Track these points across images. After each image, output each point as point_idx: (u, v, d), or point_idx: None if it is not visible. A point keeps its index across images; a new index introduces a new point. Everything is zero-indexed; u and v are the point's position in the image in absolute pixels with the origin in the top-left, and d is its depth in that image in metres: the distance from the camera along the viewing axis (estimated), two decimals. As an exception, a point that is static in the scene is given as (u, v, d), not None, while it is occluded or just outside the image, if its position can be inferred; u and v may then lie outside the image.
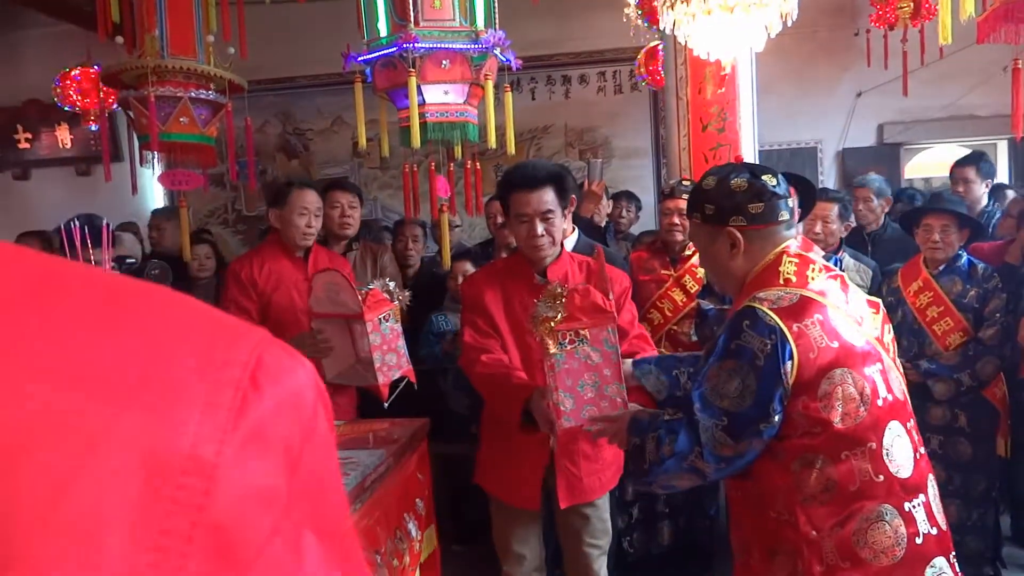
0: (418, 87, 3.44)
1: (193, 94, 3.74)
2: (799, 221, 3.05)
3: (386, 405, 2.57)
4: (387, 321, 2.57)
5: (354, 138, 6.04)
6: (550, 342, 1.95)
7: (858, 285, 3.57)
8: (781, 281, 1.60)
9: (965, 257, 3.19)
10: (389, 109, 3.70)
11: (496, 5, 3.73)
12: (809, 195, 1.92)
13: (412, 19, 3.42)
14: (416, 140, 3.36)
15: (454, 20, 3.56)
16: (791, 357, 1.49)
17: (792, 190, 1.85)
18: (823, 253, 3.08)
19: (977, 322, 3.09)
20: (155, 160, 4.02)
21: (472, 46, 3.53)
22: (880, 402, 1.55)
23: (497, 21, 3.73)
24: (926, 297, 3.15)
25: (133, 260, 2.83)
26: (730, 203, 1.65)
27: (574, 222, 3.30)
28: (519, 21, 4.13)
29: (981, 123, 6.46)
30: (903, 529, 1.52)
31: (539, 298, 2.03)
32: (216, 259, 4.23)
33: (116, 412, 0.34)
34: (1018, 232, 3.48)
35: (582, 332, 1.95)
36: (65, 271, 0.39)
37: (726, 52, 3.20)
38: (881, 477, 1.52)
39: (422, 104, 3.51)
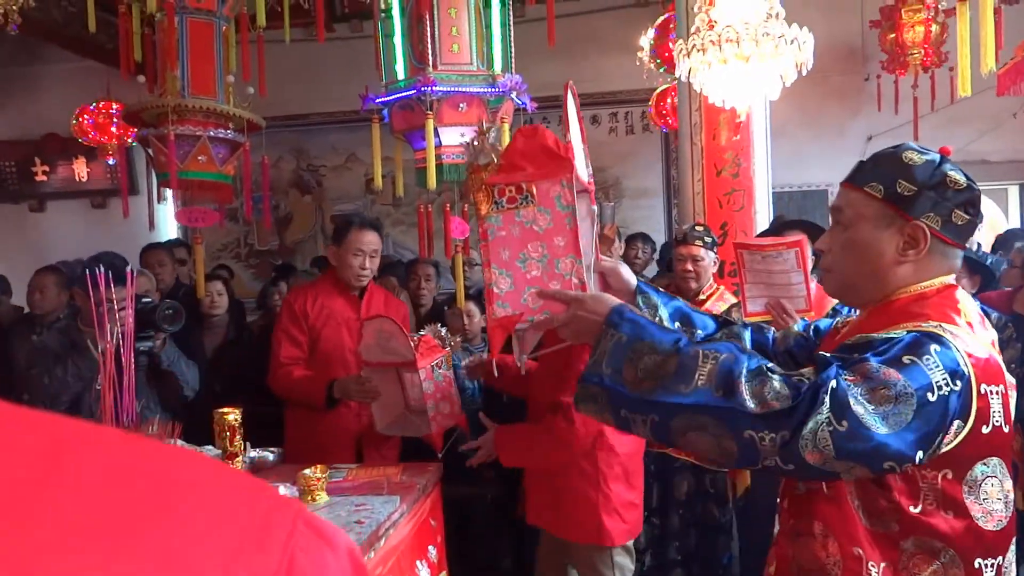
0: (435, 129, 3.48)
1: (212, 133, 3.78)
2: (814, 269, 3.07)
3: (440, 455, 2.56)
4: (440, 368, 2.54)
5: (367, 175, 6.09)
6: (483, 200, 1.49)
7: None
8: (963, 323, 1.21)
9: (979, 306, 3.17)
10: (404, 148, 3.74)
11: (512, 49, 3.78)
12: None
13: (430, 63, 3.47)
14: (432, 181, 3.40)
15: (471, 64, 3.61)
16: (964, 417, 1.13)
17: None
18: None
19: (993, 373, 3.07)
20: (171, 195, 4.06)
21: (489, 90, 3.58)
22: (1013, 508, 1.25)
23: (513, 65, 3.78)
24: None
25: (149, 299, 2.84)
26: (937, 195, 1.25)
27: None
28: (534, 62, 4.18)
29: (993, 168, 6.48)
30: None
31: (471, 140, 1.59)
32: (228, 296, 4.24)
33: None
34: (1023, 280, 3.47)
35: (525, 187, 1.46)
36: (71, 452, 0.35)
37: (741, 100, 3.23)
38: None
39: (439, 146, 3.55)
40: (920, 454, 1.09)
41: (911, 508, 1.17)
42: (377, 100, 3.63)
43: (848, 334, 1.32)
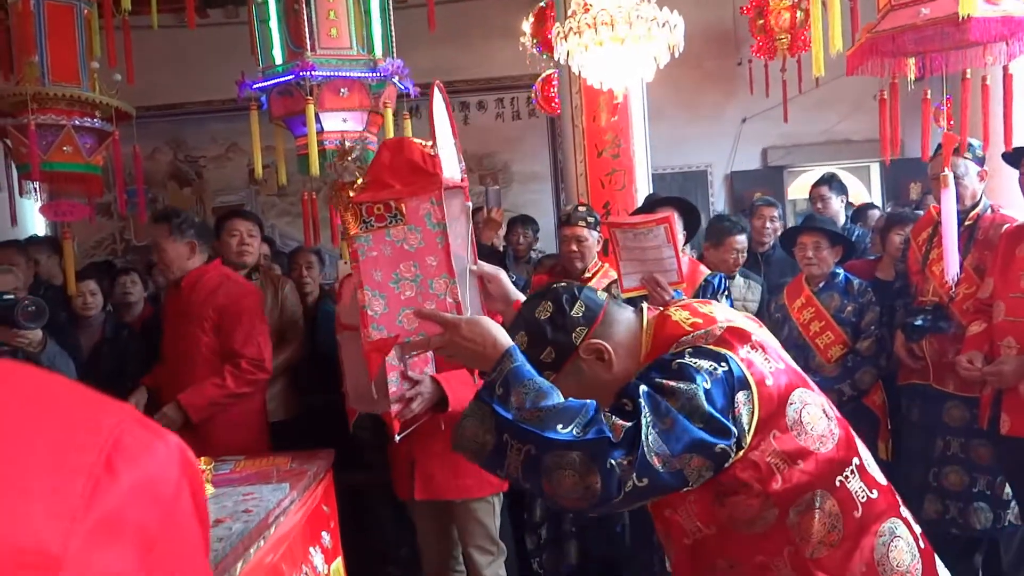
0: (316, 115, 3.42)
1: (77, 122, 3.60)
2: (686, 243, 3.20)
3: (397, 438, 2.21)
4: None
5: (250, 165, 5.93)
6: (350, 219, 1.44)
7: (748, 301, 3.79)
8: (688, 327, 1.33)
9: (843, 274, 3.39)
10: (286, 136, 3.66)
11: (393, 33, 3.75)
12: (694, 218, 1.93)
13: (308, 46, 3.40)
14: (315, 168, 3.34)
15: (351, 48, 3.57)
16: (746, 387, 1.24)
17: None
18: (721, 274, 3.25)
19: (855, 335, 3.29)
20: (37, 190, 3.84)
21: (370, 74, 3.54)
22: (836, 413, 1.38)
23: (395, 49, 3.75)
24: (808, 313, 3.33)
25: (11, 296, 2.67)
26: (560, 327, 1.36)
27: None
28: (416, 48, 4.16)
29: (855, 147, 6.89)
30: (911, 538, 1.36)
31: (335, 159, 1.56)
32: (103, 296, 4.05)
33: None
34: (884, 248, 3.73)
35: (394, 204, 1.42)
36: None
37: (618, 81, 3.33)
38: (875, 492, 1.34)
39: (320, 132, 3.49)
40: (734, 429, 1.20)
41: (775, 486, 1.25)
42: (254, 86, 3.54)
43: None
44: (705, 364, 1.23)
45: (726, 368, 1.23)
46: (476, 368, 1.38)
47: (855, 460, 1.33)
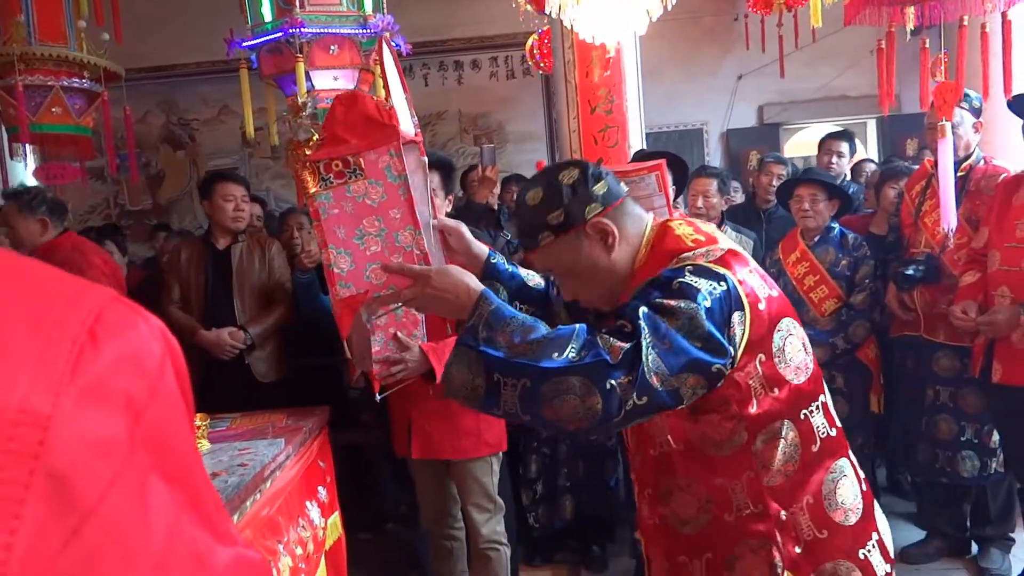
0: (306, 73, 3.38)
1: (65, 83, 3.56)
2: (676, 197, 3.19)
3: (378, 398, 2.01)
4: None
5: (242, 127, 5.89)
6: (309, 178, 1.42)
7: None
8: (690, 243, 1.34)
9: (837, 228, 3.38)
10: (277, 96, 3.62)
11: (385, -11, 3.70)
12: (682, 173, 1.94)
13: (298, 3, 3.36)
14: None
15: (341, 5, 3.52)
16: (741, 308, 1.27)
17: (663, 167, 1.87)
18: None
19: (850, 289, 3.29)
20: (27, 152, 3.82)
21: (360, 31, 3.50)
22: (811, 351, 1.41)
23: (385, 6, 3.70)
24: (803, 267, 3.33)
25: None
26: (580, 196, 1.35)
27: (469, 207, 3.33)
28: (408, 6, 4.12)
29: (852, 103, 6.84)
30: (856, 479, 1.42)
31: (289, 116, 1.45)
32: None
33: None
34: (878, 202, 3.72)
35: (352, 159, 1.39)
36: None
37: (610, 35, 3.29)
38: (834, 431, 1.39)
39: (311, 90, 3.46)
40: (730, 348, 1.24)
41: (750, 410, 1.29)
42: (244, 44, 3.50)
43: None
44: (705, 284, 1.25)
45: (724, 288, 1.26)
46: (451, 316, 1.35)
47: (821, 397, 1.39)
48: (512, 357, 1.19)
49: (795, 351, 1.35)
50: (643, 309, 1.21)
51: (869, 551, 1.39)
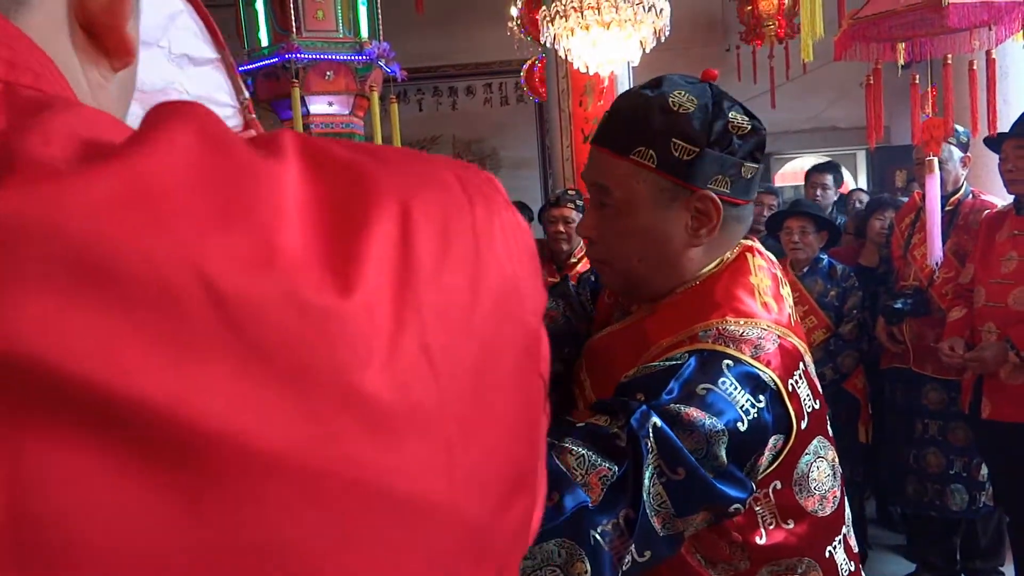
0: (302, 98, 3.42)
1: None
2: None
3: None
4: None
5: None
6: None
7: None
8: (759, 304, 1.00)
9: (826, 259, 3.41)
10: (273, 120, 3.65)
11: (380, 17, 3.75)
12: None
13: (294, 29, 3.40)
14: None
15: (337, 31, 3.57)
16: (785, 430, 0.94)
17: None
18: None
19: (838, 319, 3.31)
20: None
21: (356, 57, 3.54)
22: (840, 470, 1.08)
23: (381, 33, 3.75)
24: (792, 297, 3.35)
25: None
26: (722, 150, 0.98)
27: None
28: (404, 33, 4.16)
29: (842, 134, 6.93)
30: None
31: None
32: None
33: None
34: (853, 233, 3.77)
35: None
36: None
37: (604, 65, 3.33)
38: (853, 564, 1.08)
39: (306, 115, 3.49)
40: (752, 483, 0.93)
41: (757, 540, 0.99)
42: (240, 69, 3.52)
43: (622, 331, 1.10)
44: (742, 398, 0.90)
45: (763, 405, 0.91)
46: None
47: (843, 530, 1.07)
48: None
49: (823, 477, 1.02)
50: (655, 420, 0.84)
51: None
